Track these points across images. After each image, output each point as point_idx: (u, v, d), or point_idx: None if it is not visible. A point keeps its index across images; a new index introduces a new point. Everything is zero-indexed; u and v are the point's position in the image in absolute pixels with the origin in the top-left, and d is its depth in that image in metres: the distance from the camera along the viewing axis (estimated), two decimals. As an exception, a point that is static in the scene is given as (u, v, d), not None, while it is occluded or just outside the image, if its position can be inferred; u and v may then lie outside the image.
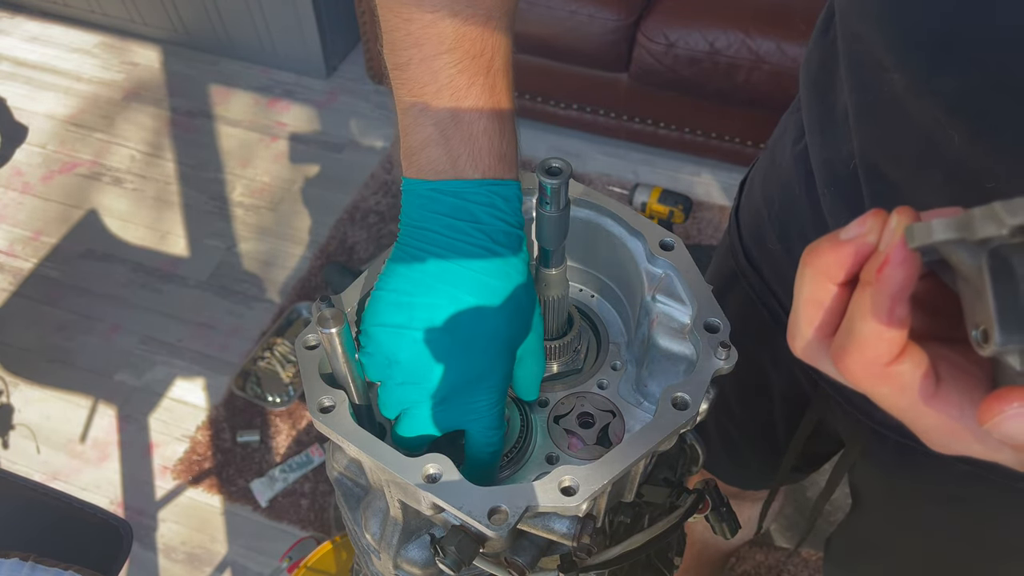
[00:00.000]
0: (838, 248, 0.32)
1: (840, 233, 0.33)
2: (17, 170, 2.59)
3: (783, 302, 0.80)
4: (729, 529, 0.61)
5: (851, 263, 0.32)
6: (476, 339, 0.50)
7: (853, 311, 0.32)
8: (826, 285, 0.33)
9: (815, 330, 0.34)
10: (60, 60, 2.92)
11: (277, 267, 2.32)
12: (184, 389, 2.07)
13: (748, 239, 0.85)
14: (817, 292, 0.34)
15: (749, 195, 0.87)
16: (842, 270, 0.32)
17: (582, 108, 2.50)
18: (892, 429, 0.74)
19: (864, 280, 0.31)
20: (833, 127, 0.64)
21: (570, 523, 0.48)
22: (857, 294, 0.32)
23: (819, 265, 0.33)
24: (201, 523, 1.86)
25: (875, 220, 0.32)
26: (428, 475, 0.46)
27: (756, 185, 0.85)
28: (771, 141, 0.85)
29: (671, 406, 0.49)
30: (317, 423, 0.49)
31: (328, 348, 0.47)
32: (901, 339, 0.30)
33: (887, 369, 0.31)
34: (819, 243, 0.33)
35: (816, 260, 0.33)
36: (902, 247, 0.30)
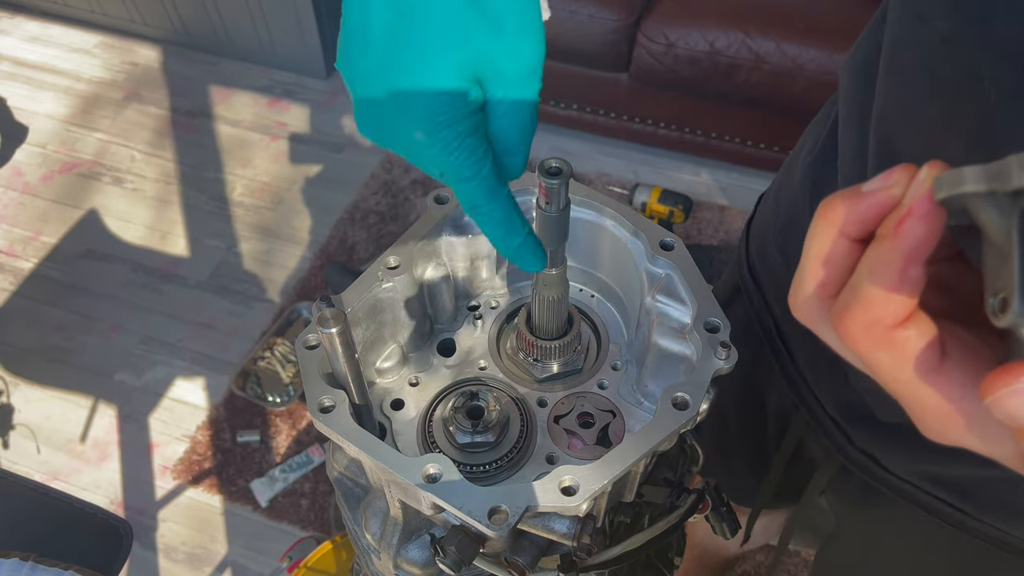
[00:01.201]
0: (857, 200, 0.30)
1: (862, 186, 0.30)
2: (17, 170, 2.59)
3: (779, 322, 0.80)
4: (729, 529, 0.61)
5: (870, 216, 0.29)
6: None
7: (862, 267, 0.29)
8: (839, 240, 0.30)
9: (818, 287, 0.32)
10: (60, 60, 2.92)
11: (277, 267, 2.32)
12: (184, 389, 2.07)
13: (754, 252, 0.85)
14: (827, 247, 0.31)
15: (763, 208, 0.87)
16: (858, 224, 0.30)
17: (582, 108, 2.50)
18: (857, 465, 0.75)
19: (880, 235, 0.29)
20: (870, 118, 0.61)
21: (570, 523, 0.48)
22: (870, 250, 0.29)
23: (833, 218, 0.30)
24: (201, 523, 1.86)
25: (903, 173, 0.29)
26: (428, 475, 0.46)
27: (770, 199, 0.85)
28: (789, 157, 0.85)
29: (671, 406, 0.49)
30: (317, 423, 0.49)
31: (328, 348, 0.47)
32: (910, 302, 0.28)
33: (890, 333, 0.28)
34: (836, 195, 0.31)
35: (831, 212, 0.31)
36: (928, 199, 0.27)
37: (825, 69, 2.10)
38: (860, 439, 0.73)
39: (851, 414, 0.72)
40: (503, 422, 0.55)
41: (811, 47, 2.10)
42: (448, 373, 0.61)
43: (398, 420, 0.58)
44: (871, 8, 2.39)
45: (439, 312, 0.62)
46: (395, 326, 0.60)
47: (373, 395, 0.59)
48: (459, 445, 0.55)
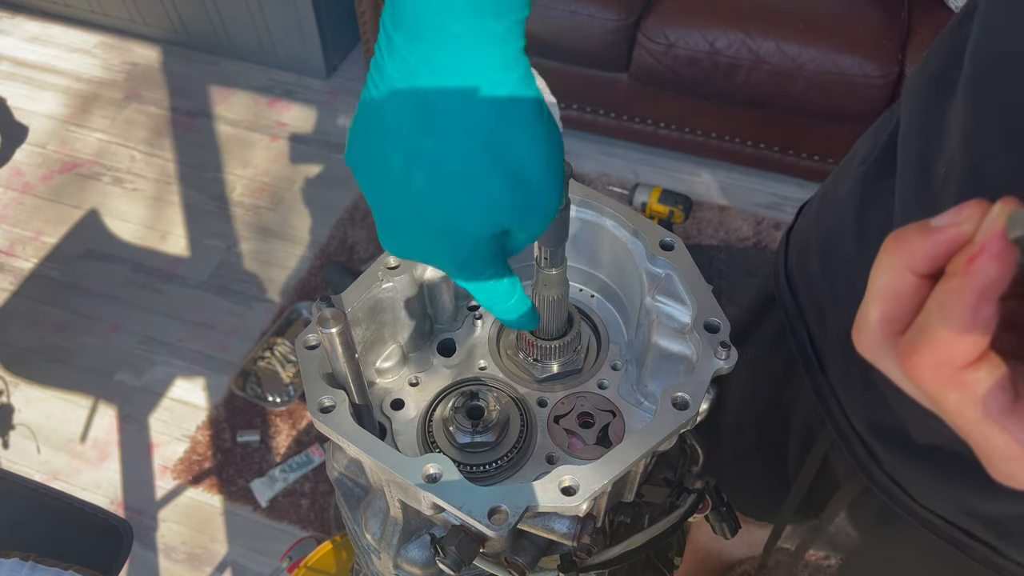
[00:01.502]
0: (927, 235, 0.29)
1: (932, 221, 0.29)
2: (17, 170, 2.59)
3: (813, 333, 0.79)
4: (729, 529, 0.61)
5: (940, 252, 0.29)
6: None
7: (932, 305, 0.28)
8: (906, 275, 0.30)
9: (884, 323, 0.31)
10: (60, 60, 2.92)
11: (277, 267, 2.32)
12: (184, 389, 2.07)
13: (793, 260, 0.84)
14: (894, 281, 0.30)
15: (805, 217, 0.85)
16: (928, 260, 0.29)
17: (582, 108, 2.50)
18: (881, 488, 0.74)
19: (951, 272, 0.28)
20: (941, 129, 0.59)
21: (570, 523, 0.48)
22: (940, 287, 0.28)
23: (902, 252, 0.30)
24: (201, 523, 1.86)
25: (975, 209, 0.28)
26: (428, 475, 0.46)
27: (813, 207, 0.84)
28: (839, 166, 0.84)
29: (671, 406, 0.49)
30: (317, 423, 0.49)
31: (328, 348, 0.47)
32: (982, 342, 0.27)
33: (960, 373, 0.28)
34: (904, 229, 0.30)
35: (899, 247, 0.30)
36: (1001, 237, 0.26)
37: (825, 69, 2.10)
38: (888, 460, 0.72)
39: (881, 433, 0.70)
40: (503, 422, 0.55)
41: (811, 47, 2.10)
42: (448, 373, 0.61)
43: (398, 420, 0.58)
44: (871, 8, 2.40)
45: (439, 312, 0.62)
46: (395, 326, 0.60)
47: (373, 395, 0.59)
48: (459, 445, 0.55)
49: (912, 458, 0.68)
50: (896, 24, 2.15)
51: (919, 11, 2.19)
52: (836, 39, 2.11)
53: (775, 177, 2.51)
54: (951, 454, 0.62)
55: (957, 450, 0.31)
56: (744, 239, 2.38)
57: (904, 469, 0.70)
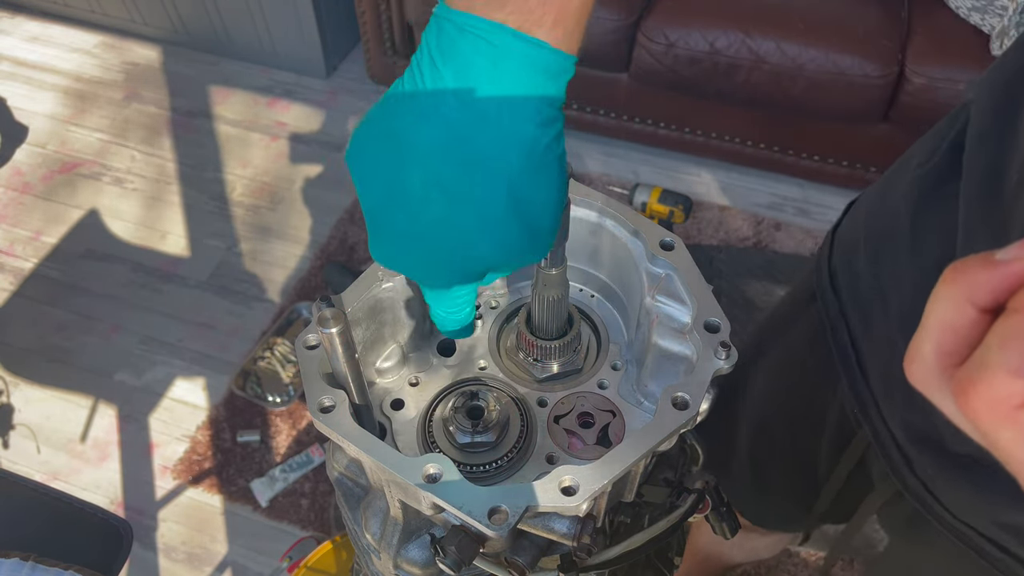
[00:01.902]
0: (991, 268, 0.28)
1: (996, 253, 0.29)
2: (17, 170, 2.59)
3: (854, 334, 0.78)
4: (729, 529, 0.61)
5: (1003, 287, 0.28)
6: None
7: (991, 340, 0.28)
8: (965, 308, 0.29)
9: (940, 356, 0.31)
10: (60, 60, 2.92)
11: (277, 267, 2.32)
12: (184, 389, 2.07)
13: (838, 259, 0.84)
14: (953, 314, 0.30)
15: (853, 216, 0.85)
16: (991, 293, 0.28)
17: (582, 108, 2.50)
18: (913, 494, 0.73)
19: (1013, 308, 0.28)
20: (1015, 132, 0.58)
21: (570, 523, 0.48)
22: (1001, 322, 0.28)
23: (963, 284, 0.29)
24: (201, 523, 1.86)
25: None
26: (428, 475, 0.46)
27: (862, 207, 0.83)
28: (894, 165, 0.82)
29: (671, 406, 0.49)
30: (317, 423, 0.49)
31: (328, 348, 0.47)
32: None
33: (1016, 412, 0.27)
34: (965, 261, 0.30)
35: (960, 278, 0.29)
36: None
37: (825, 69, 2.10)
38: (922, 466, 0.71)
39: (917, 438, 0.70)
40: (503, 422, 0.55)
41: (811, 47, 2.10)
42: (448, 373, 0.61)
43: (398, 420, 0.58)
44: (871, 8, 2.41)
45: (439, 312, 0.62)
46: (395, 326, 0.60)
47: (373, 395, 0.59)
48: (459, 445, 0.55)
49: (947, 466, 0.68)
50: (896, 24, 2.15)
51: (919, 11, 2.19)
52: (836, 39, 2.11)
53: (775, 177, 2.51)
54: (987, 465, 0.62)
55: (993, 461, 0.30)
56: (744, 239, 2.37)
57: (938, 477, 0.70)
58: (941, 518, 0.71)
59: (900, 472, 0.74)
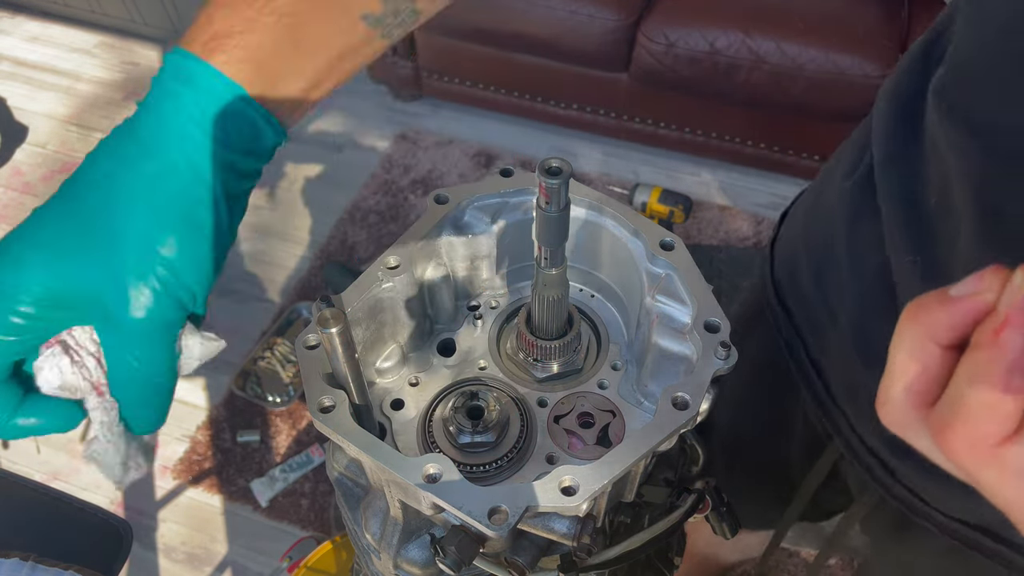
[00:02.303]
0: (948, 305, 0.29)
1: (951, 289, 0.29)
2: (17, 170, 2.59)
3: (810, 350, 0.77)
4: (729, 529, 0.61)
5: (963, 323, 0.28)
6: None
7: (961, 378, 0.28)
8: (929, 346, 0.29)
9: (911, 397, 0.31)
10: (60, 60, 2.92)
11: (277, 267, 2.32)
12: (184, 389, 2.07)
13: (781, 275, 0.82)
14: (917, 354, 0.30)
15: (789, 227, 0.83)
16: (951, 330, 0.29)
17: (582, 108, 2.50)
18: (900, 500, 0.72)
19: (977, 343, 0.28)
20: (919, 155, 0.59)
21: (570, 523, 0.48)
22: (966, 359, 0.28)
23: (924, 323, 0.29)
24: (201, 523, 1.86)
25: (994, 277, 0.28)
26: (428, 475, 0.46)
27: (798, 218, 0.81)
28: (820, 174, 0.82)
29: (671, 406, 0.49)
30: (317, 423, 0.49)
31: (328, 348, 0.47)
32: (1017, 414, 0.27)
33: (996, 450, 0.27)
34: (923, 299, 0.30)
35: (920, 316, 0.30)
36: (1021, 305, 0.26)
37: (825, 69, 2.10)
38: (907, 476, 0.70)
39: (899, 449, 0.68)
40: (503, 422, 0.55)
41: (811, 47, 2.10)
42: (448, 373, 0.61)
43: (398, 420, 0.58)
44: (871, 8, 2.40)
45: (439, 312, 0.62)
46: (395, 326, 0.60)
47: (373, 395, 0.59)
48: (459, 445, 0.55)
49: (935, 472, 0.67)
50: (896, 24, 2.15)
51: (919, 11, 2.19)
52: (836, 39, 2.11)
53: (775, 177, 2.51)
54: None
55: None
56: (744, 239, 2.38)
57: (927, 484, 0.68)
58: (931, 518, 0.70)
59: (884, 483, 0.72)
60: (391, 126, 2.68)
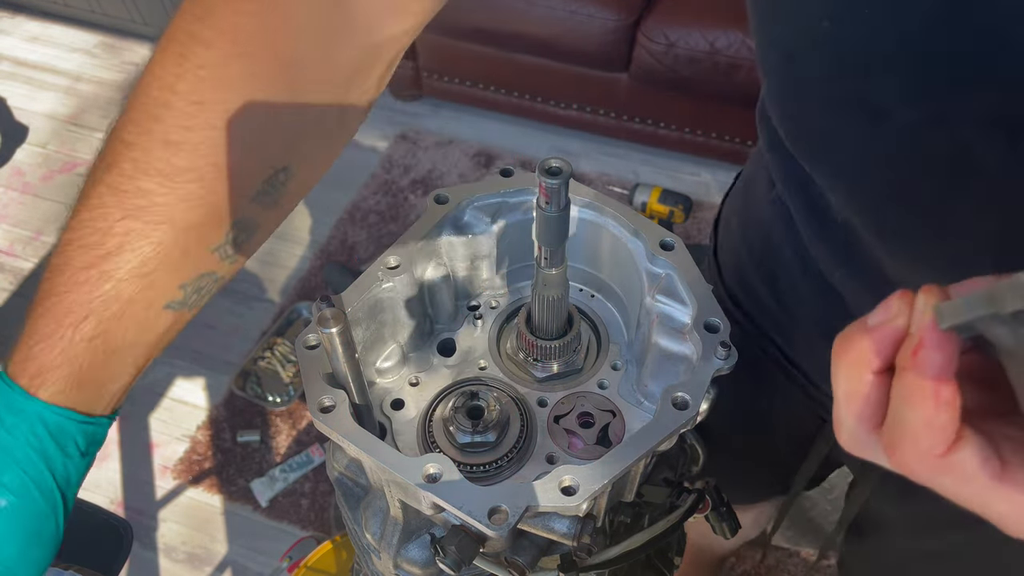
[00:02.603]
0: (867, 336, 0.31)
1: (868, 319, 0.31)
2: (17, 170, 2.59)
3: (782, 348, 0.78)
4: (729, 529, 0.61)
5: (884, 350, 0.30)
6: None
7: (896, 401, 0.30)
8: (863, 375, 0.31)
9: (860, 422, 0.32)
10: (60, 60, 2.92)
11: (277, 267, 2.32)
12: (184, 389, 2.07)
13: (732, 283, 0.83)
14: (855, 384, 0.32)
15: (727, 237, 0.84)
16: (876, 357, 0.31)
17: (582, 108, 2.50)
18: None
19: (901, 366, 0.30)
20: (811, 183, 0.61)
21: (570, 523, 0.48)
22: (896, 382, 0.30)
23: (852, 356, 0.32)
24: (201, 523, 1.86)
25: (901, 302, 0.30)
26: (428, 475, 0.46)
27: (733, 228, 0.82)
28: (742, 183, 0.83)
29: (671, 406, 0.49)
30: (317, 423, 0.50)
31: (328, 348, 0.47)
32: (953, 424, 0.28)
33: (945, 459, 0.29)
34: (848, 332, 0.32)
35: (848, 350, 0.32)
36: (934, 329, 0.28)
37: (825, 69, 2.10)
38: None
39: None
40: (503, 422, 0.55)
41: (811, 47, 2.10)
42: (448, 373, 0.61)
43: (398, 420, 0.59)
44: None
45: (439, 312, 0.62)
46: (395, 326, 0.60)
47: (373, 395, 0.59)
48: (459, 445, 0.55)
49: None
50: (896, 24, 2.14)
51: (919, 11, 2.18)
52: (836, 39, 2.11)
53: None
54: None
55: None
56: (744, 239, 2.38)
57: None
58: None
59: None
60: (391, 126, 2.68)
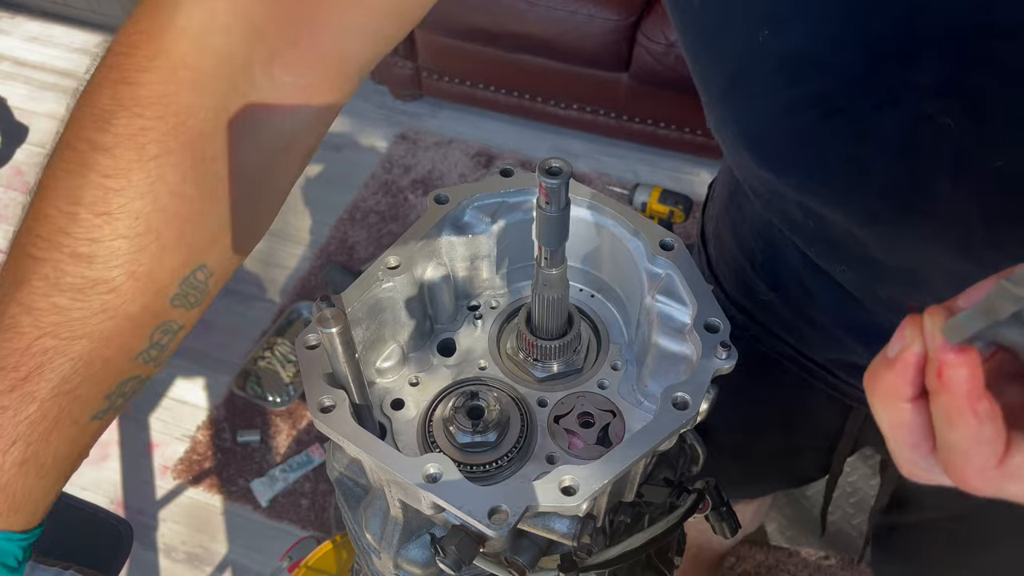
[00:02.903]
0: (892, 368, 0.31)
1: (887, 351, 0.32)
2: (17, 170, 2.59)
3: (795, 346, 0.79)
4: (729, 528, 0.61)
5: (910, 377, 0.31)
6: None
7: (939, 424, 0.30)
8: (899, 406, 0.32)
9: (915, 451, 0.33)
10: (60, 60, 2.92)
11: (277, 267, 2.32)
12: (184, 389, 2.07)
13: (735, 293, 0.84)
14: (896, 416, 0.32)
15: (720, 249, 0.85)
16: (908, 387, 0.31)
17: (582, 108, 2.50)
18: None
19: (932, 390, 0.30)
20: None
21: (570, 523, 0.48)
22: (933, 405, 0.30)
23: (883, 390, 0.32)
24: (201, 523, 1.86)
25: (912, 329, 0.31)
26: (428, 475, 0.46)
27: (724, 238, 0.83)
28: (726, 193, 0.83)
29: (671, 406, 0.49)
30: (317, 423, 0.50)
31: (328, 348, 0.47)
32: (999, 434, 0.29)
33: (1000, 471, 0.29)
34: (873, 368, 0.33)
35: (878, 386, 0.32)
36: (949, 349, 0.29)
37: (825, 69, 2.10)
38: None
39: None
40: (503, 422, 0.55)
41: (811, 47, 2.10)
42: (448, 373, 0.61)
43: (398, 420, 0.59)
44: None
45: (439, 312, 0.62)
46: (395, 326, 0.60)
47: (373, 395, 0.59)
48: (459, 445, 0.55)
49: None
50: (896, 24, 2.14)
51: (919, 11, 2.19)
52: (836, 39, 2.11)
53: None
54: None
55: None
56: (744, 239, 2.38)
57: None
58: None
59: None
60: (391, 126, 2.68)
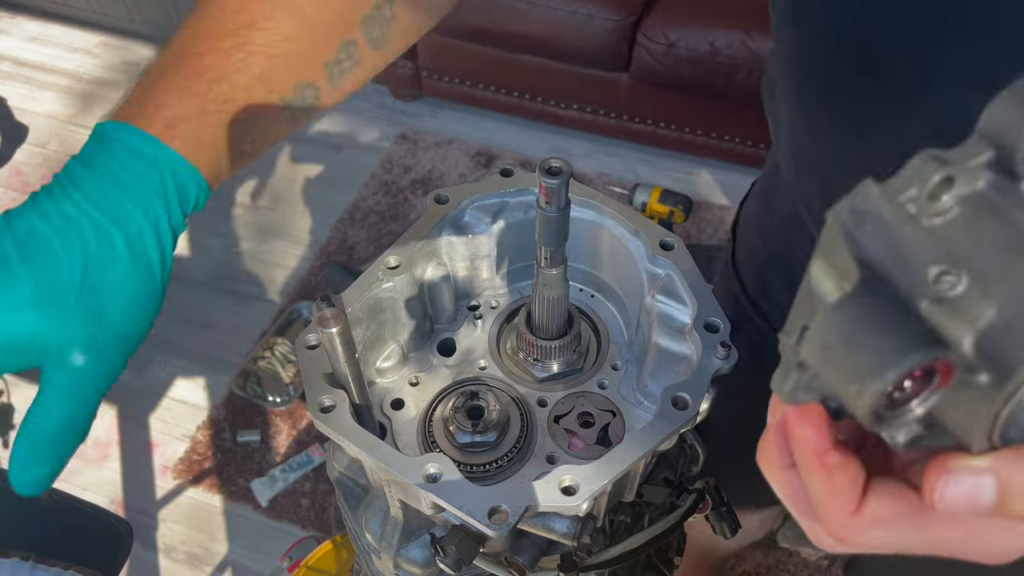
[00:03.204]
0: (765, 438, 0.34)
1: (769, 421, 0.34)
2: (17, 170, 2.59)
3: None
4: (729, 529, 0.61)
5: (779, 444, 0.33)
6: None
7: (804, 482, 0.32)
8: (777, 473, 0.34)
9: (802, 516, 0.34)
10: (60, 60, 2.92)
11: (277, 267, 2.32)
12: (184, 389, 2.07)
13: (752, 290, 0.84)
14: (776, 483, 0.34)
15: (745, 244, 0.85)
16: (780, 454, 0.33)
17: (582, 108, 2.50)
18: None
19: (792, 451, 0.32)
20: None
21: (570, 523, 0.48)
22: (799, 467, 0.32)
23: (763, 459, 0.34)
24: (201, 523, 1.86)
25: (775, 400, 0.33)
26: (428, 475, 0.46)
27: (752, 233, 0.83)
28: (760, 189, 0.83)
29: (671, 406, 0.49)
30: (317, 423, 0.50)
31: (328, 348, 0.47)
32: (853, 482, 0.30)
33: (858, 517, 0.30)
34: (761, 438, 0.35)
35: (762, 457, 0.34)
36: (791, 408, 0.30)
37: (825, 69, 2.10)
38: None
39: None
40: (503, 422, 0.55)
41: (811, 47, 2.10)
42: (448, 373, 0.61)
43: (398, 420, 0.59)
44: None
45: (439, 312, 0.62)
46: (395, 326, 0.60)
47: (373, 395, 0.59)
48: (459, 445, 0.55)
49: None
50: (896, 24, 2.14)
51: (919, 11, 2.18)
52: (836, 39, 2.11)
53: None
54: None
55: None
56: (744, 239, 2.38)
57: None
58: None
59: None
60: (391, 126, 2.68)
